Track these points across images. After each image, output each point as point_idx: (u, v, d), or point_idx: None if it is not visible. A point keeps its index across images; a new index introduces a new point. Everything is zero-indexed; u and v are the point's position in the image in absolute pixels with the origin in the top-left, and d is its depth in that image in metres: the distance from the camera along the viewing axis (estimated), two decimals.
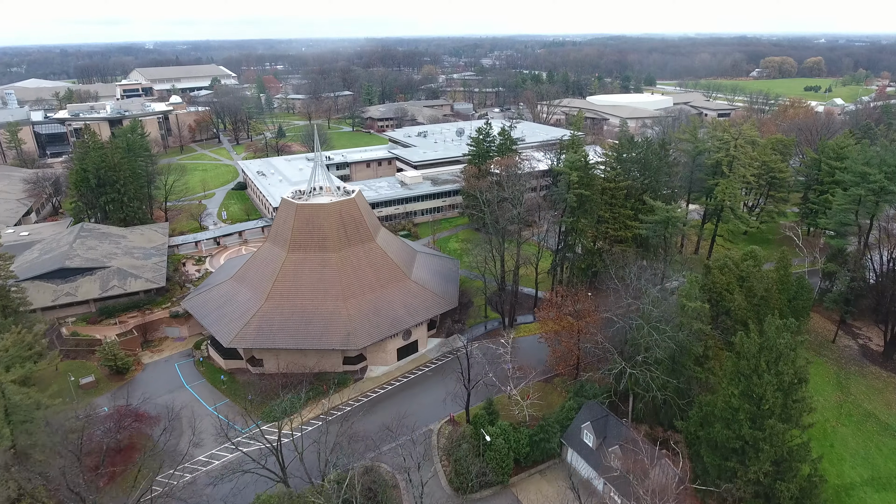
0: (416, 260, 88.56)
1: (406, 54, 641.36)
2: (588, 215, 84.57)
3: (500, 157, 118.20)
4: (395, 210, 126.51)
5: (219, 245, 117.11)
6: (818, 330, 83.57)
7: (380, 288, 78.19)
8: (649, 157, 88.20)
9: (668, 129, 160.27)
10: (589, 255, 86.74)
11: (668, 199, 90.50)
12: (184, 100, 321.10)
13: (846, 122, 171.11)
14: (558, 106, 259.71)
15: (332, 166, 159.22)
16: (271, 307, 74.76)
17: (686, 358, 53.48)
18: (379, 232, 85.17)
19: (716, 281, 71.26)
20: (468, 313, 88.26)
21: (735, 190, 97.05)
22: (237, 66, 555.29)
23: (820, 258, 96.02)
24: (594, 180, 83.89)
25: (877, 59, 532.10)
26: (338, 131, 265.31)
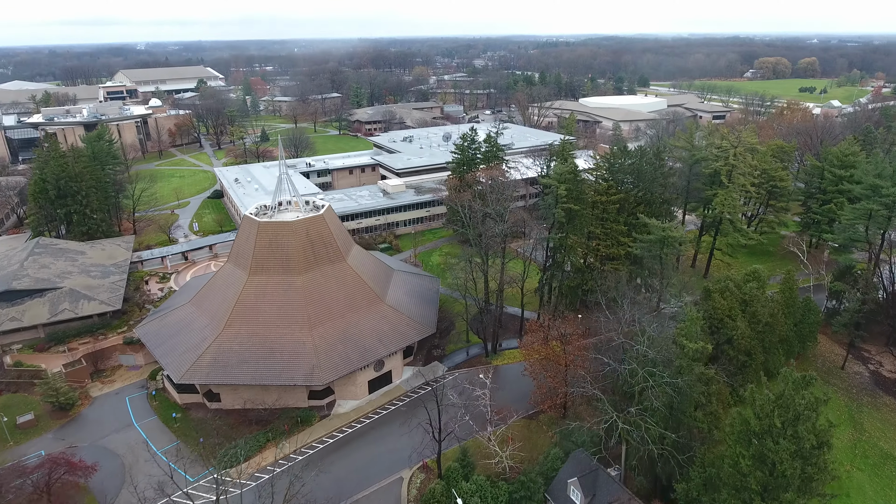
0: (392, 280, 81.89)
1: (398, 55, 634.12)
2: (578, 231, 78.21)
3: (485, 165, 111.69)
4: (376, 221, 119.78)
5: (187, 260, 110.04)
6: (825, 355, 77.41)
7: (350, 313, 71.47)
8: (643, 168, 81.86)
9: (663, 135, 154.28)
10: (579, 273, 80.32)
11: (663, 214, 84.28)
12: (168, 102, 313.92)
13: (845, 125, 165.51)
14: (550, 108, 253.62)
15: (312, 173, 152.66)
16: (229, 337, 67.91)
17: (686, 405, 47.06)
18: (351, 250, 78.45)
19: (716, 306, 64.98)
20: (449, 337, 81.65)
21: (735, 202, 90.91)
22: (226, 67, 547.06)
23: (825, 273, 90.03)
24: (584, 193, 77.48)
25: (871, 59, 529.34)
26: (324, 135, 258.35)
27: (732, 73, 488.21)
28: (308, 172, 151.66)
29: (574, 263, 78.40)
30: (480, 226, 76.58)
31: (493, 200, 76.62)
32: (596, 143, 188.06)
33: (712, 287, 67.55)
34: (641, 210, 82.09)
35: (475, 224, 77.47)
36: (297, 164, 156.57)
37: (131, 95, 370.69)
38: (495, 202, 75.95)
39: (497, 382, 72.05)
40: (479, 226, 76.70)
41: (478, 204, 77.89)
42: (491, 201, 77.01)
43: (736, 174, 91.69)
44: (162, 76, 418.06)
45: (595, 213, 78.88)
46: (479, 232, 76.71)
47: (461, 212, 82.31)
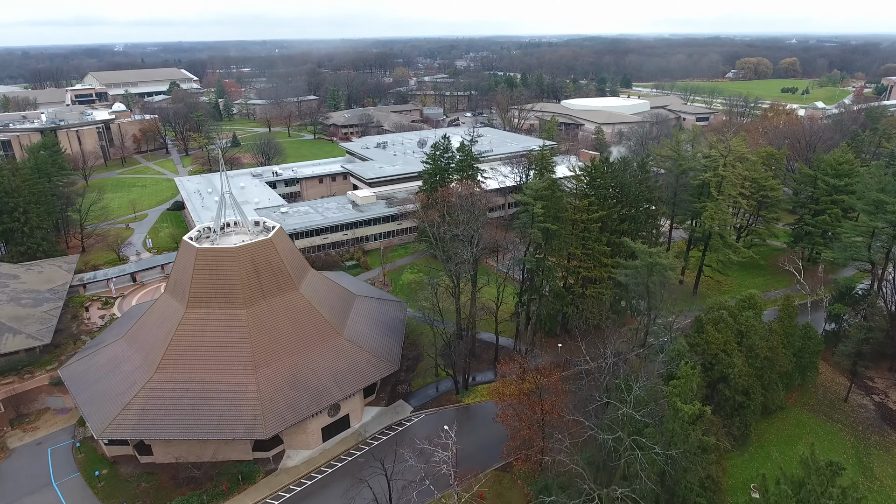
0: (353, 308, 73.97)
1: (378, 56, 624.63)
2: (556, 252, 70.98)
3: (459, 176, 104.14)
4: (344, 236, 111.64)
5: (136, 282, 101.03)
6: (826, 385, 71.03)
7: (302, 350, 63.46)
8: (627, 181, 74.92)
9: (646, 140, 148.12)
10: (558, 298, 73.10)
11: (649, 231, 77.43)
12: (137, 106, 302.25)
13: (831, 128, 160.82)
14: (531, 111, 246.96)
15: (279, 182, 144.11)
16: (161, 381, 59.58)
17: (681, 477, 39.89)
18: (305, 276, 70.40)
19: (710, 340, 58.11)
20: (417, 370, 73.94)
21: (725, 215, 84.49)
22: (202, 68, 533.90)
23: (822, 290, 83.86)
24: (564, 211, 70.25)
25: (850, 59, 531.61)
26: (298, 139, 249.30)
27: (714, 74, 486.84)
28: (275, 182, 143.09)
29: (553, 288, 71.17)
30: (450, 248, 69.20)
31: (462, 220, 69.11)
32: (578, 147, 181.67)
33: (705, 318, 60.75)
34: (626, 227, 75.23)
35: (444, 246, 70.06)
36: (264, 172, 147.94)
37: (101, 98, 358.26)
38: (465, 223, 68.43)
39: (468, 425, 64.75)
40: (448, 248, 69.31)
41: (446, 225, 70.35)
42: (460, 221, 69.49)
43: (726, 185, 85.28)
44: (133, 78, 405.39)
45: (575, 233, 71.71)
46: (447, 256, 69.34)
47: (429, 231, 74.76)
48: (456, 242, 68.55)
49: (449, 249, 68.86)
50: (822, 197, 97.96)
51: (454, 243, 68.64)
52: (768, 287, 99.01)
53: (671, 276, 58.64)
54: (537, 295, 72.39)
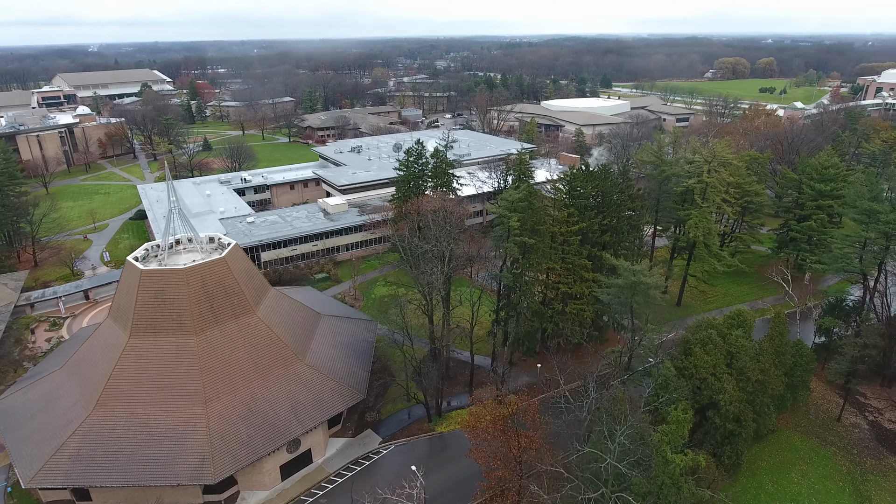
0: (317, 329, 68.78)
1: (358, 56, 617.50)
2: (534, 267, 66.58)
3: (433, 183, 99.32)
4: (314, 247, 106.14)
5: (89, 300, 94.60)
6: (818, 403, 67.65)
7: (258, 380, 58.18)
8: (608, 190, 70.79)
9: (627, 142, 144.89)
10: (537, 316, 68.69)
11: (632, 241, 73.48)
12: (106, 108, 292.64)
13: (812, 129, 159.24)
14: (511, 112, 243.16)
15: (248, 190, 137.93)
16: (100, 419, 53.91)
17: None
18: (264, 297, 65.05)
19: (698, 363, 54.09)
20: (387, 395, 69.06)
21: (710, 223, 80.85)
22: (177, 69, 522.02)
23: (809, 297, 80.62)
24: (542, 223, 65.84)
25: (825, 59, 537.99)
26: (272, 143, 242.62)
27: (693, 74, 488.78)
28: (243, 189, 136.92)
29: (531, 305, 66.74)
30: (420, 265, 64.44)
31: (433, 236, 64.35)
32: (558, 149, 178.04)
33: (692, 338, 56.75)
34: (608, 238, 71.13)
35: (414, 262, 65.30)
36: (233, 179, 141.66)
37: (69, 101, 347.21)
38: (436, 238, 63.69)
39: (441, 457, 60.05)
40: (419, 265, 64.55)
41: (417, 240, 65.55)
42: (431, 237, 64.73)
43: (710, 192, 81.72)
44: (104, 80, 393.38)
45: (554, 246, 67.37)
46: (417, 273, 64.58)
47: (399, 246, 69.94)
48: (427, 259, 63.71)
49: (419, 266, 64.04)
50: (807, 202, 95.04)
51: (425, 260, 63.81)
52: (755, 296, 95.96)
53: (656, 296, 54.47)
54: (515, 312, 67.91)
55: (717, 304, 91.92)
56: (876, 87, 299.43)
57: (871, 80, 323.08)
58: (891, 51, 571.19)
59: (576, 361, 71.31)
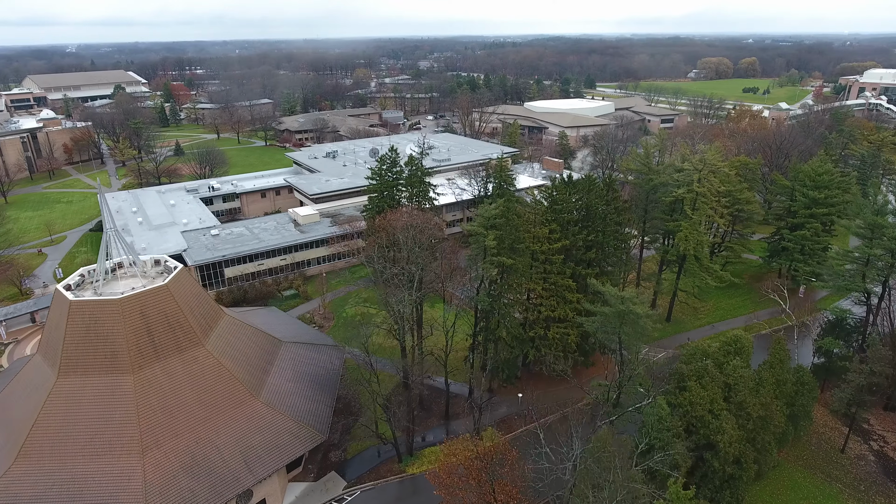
0: (277, 359, 62.61)
1: (340, 57, 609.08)
2: (514, 290, 61.03)
3: (408, 191, 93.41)
4: (282, 261, 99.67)
5: (35, 323, 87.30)
6: (821, 432, 62.88)
7: (206, 423, 51.91)
8: (593, 203, 65.46)
9: (613, 144, 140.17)
10: (517, 343, 63.15)
11: (619, 258, 68.24)
12: (76, 111, 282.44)
13: (799, 132, 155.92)
14: (493, 113, 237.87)
15: (217, 198, 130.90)
16: (23, 472, 47.32)
17: None
18: (215, 326, 58.72)
19: (694, 399, 48.86)
20: (354, 430, 63.04)
21: (701, 236, 75.94)
22: (154, 70, 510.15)
23: (807, 316, 75.97)
24: (521, 241, 60.29)
25: (806, 59, 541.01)
26: (248, 147, 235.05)
27: (677, 74, 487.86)
28: (211, 197, 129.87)
29: (511, 332, 61.12)
30: (390, 289, 58.63)
31: (402, 259, 58.54)
32: (542, 152, 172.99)
33: (686, 370, 51.52)
34: (593, 256, 65.79)
35: (384, 284, 59.47)
36: (200, 186, 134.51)
37: (40, 103, 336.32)
38: (406, 261, 57.87)
39: (411, 502, 54.19)
40: (388, 289, 58.73)
41: (386, 260, 59.67)
42: (401, 258, 58.92)
43: (701, 202, 76.80)
44: (76, 81, 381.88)
45: (535, 265, 61.91)
46: (386, 296, 58.72)
47: (366, 265, 64.03)
48: (396, 283, 57.87)
49: (388, 290, 58.21)
50: (800, 210, 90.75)
51: (393, 284, 57.97)
52: (747, 309, 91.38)
53: (647, 325, 49.13)
54: (493, 338, 62.28)
55: (708, 319, 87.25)
56: (858, 87, 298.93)
57: (853, 79, 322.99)
58: (869, 50, 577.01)
59: (559, 387, 66.18)
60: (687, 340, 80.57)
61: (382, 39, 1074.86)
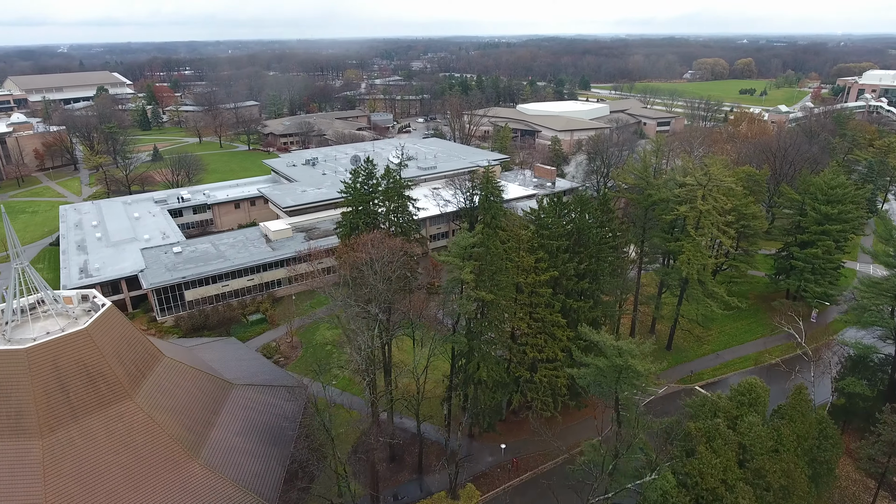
0: (225, 406, 54.72)
1: (331, 57, 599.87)
2: (495, 328, 53.34)
3: (386, 208, 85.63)
4: (249, 282, 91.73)
5: None
6: (843, 485, 55.49)
7: (129, 494, 43.97)
8: (584, 228, 57.89)
9: (607, 151, 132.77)
10: (500, 388, 55.48)
11: (616, 289, 60.72)
12: (56, 114, 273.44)
13: (802, 136, 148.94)
14: (484, 116, 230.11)
15: (187, 210, 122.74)
16: None
17: None
18: (149, 373, 50.76)
19: (704, 469, 41.29)
20: (314, 488, 55.17)
21: (705, 259, 68.47)
22: (140, 71, 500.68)
23: (823, 348, 68.63)
24: (503, 272, 52.60)
25: (801, 59, 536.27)
26: (230, 151, 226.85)
27: (672, 75, 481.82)
28: (181, 209, 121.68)
29: (492, 376, 53.42)
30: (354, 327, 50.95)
31: (365, 295, 50.81)
32: (534, 158, 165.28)
33: (694, 429, 43.97)
34: (586, 286, 58.20)
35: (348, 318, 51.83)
36: (169, 197, 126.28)
37: (20, 105, 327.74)
38: (367, 300, 50.14)
39: None
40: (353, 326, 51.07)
41: (348, 297, 51.98)
42: (362, 297, 51.19)
43: (705, 221, 69.37)
44: (59, 83, 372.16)
45: (520, 300, 54.30)
46: (351, 335, 51.06)
47: (325, 295, 56.31)
48: (361, 323, 50.18)
49: (351, 330, 50.54)
50: (811, 226, 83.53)
51: (358, 324, 50.29)
52: (754, 333, 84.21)
53: (650, 383, 41.49)
54: (472, 381, 54.58)
55: (712, 347, 79.85)
56: (858, 89, 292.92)
57: (852, 81, 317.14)
58: (863, 51, 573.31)
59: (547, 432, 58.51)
60: (690, 373, 73.31)
61: (377, 40, 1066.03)
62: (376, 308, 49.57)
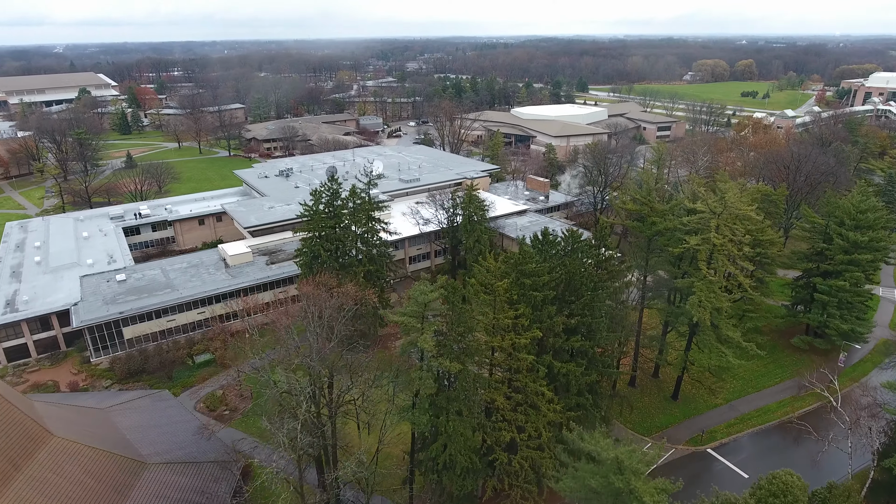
0: (131, 495, 44.10)
1: (326, 58, 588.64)
2: (464, 403, 42.83)
3: (353, 234, 75.04)
4: (200, 315, 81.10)
5: None
6: None
7: None
8: (577, 273, 47.39)
9: (605, 163, 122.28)
10: (471, 473, 44.88)
11: (613, 350, 50.36)
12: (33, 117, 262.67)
13: (814, 145, 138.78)
14: (476, 120, 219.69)
15: (146, 226, 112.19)
16: None
17: None
18: (28, 462, 40.16)
19: None
20: None
21: (720, 301, 58.02)
22: (128, 72, 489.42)
23: (861, 418, 57.92)
24: (472, 332, 42.12)
25: (802, 60, 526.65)
26: (210, 157, 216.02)
27: (672, 77, 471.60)
28: (138, 226, 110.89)
29: (460, 462, 42.89)
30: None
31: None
32: (528, 167, 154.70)
33: None
34: (577, 343, 47.67)
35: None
36: (127, 212, 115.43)
37: (1, 107, 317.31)
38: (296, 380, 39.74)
39: None
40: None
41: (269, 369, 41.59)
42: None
43: (718, 255, 58.95)
44: (41, 84, 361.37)
45: (496, 361, 43.77)
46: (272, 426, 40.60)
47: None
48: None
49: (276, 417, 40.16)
50: (837, 254, 73.17)
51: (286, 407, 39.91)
52: (772, 376, 73.89)
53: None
54: (436, 469, 44.00)
55: (725, 397, 69.34)
56: (865, 92, 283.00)
57: (858, 83, 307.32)
58: (863, 52, 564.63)
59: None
60: (701, 433, 62.81)
61: (375, 40, 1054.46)
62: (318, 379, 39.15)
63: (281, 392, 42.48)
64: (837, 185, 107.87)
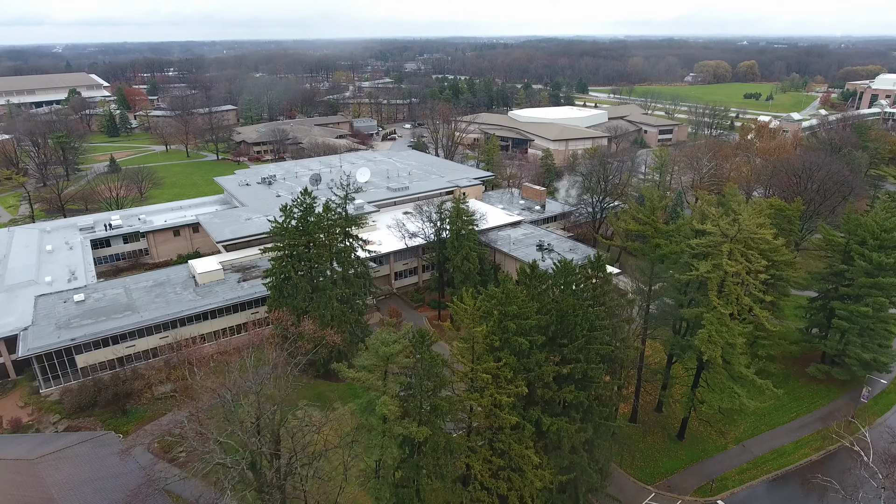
0: None
1: (324, 58, 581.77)
2: (437, 474, 36.22)
3: (331, 254, 68.45)
4: (162, 340, 74.48)
5: None
6: None
7: None
8: (570, 312, 40.79)
9: (604, 169, 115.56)
10: None
11: (611, 397, 43.79)
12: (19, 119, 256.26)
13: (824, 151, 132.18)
14: (472, 123, 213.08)
15: (116, 238, 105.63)
16: None
17: None
18: None
19: None
20: None
21: (733, 336, 51.42)
22: (122, 72, 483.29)
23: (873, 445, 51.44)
24: (445, 387, 35.56)
25: (804, 61, 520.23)
26: (197, 161, 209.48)
27: (673, 78, 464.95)
28: (108, 238, 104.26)
29: None
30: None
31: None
32: (523, 175, 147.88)
33: None
34: (569, 394, 41.03)
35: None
36: (97, 223, 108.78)
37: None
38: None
39: None
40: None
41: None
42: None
43: (730, 283, 52.40)
44: (31, 85, 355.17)
45: (475, 427, 37.19)
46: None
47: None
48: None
49: None
50: (859, 277, 66.61)
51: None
52: (787, 411, 67.45)
53: None
54: None
55: (736, 437, 62.79)
56: (871, 94, 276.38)
57: (864, 85, 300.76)
58: (865, 53, 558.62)
59: None
60: (711, 482, 56.15)
61: (374, 40, 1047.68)
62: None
63: (213, 463, 35.94)
64: (853, 195, 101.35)
